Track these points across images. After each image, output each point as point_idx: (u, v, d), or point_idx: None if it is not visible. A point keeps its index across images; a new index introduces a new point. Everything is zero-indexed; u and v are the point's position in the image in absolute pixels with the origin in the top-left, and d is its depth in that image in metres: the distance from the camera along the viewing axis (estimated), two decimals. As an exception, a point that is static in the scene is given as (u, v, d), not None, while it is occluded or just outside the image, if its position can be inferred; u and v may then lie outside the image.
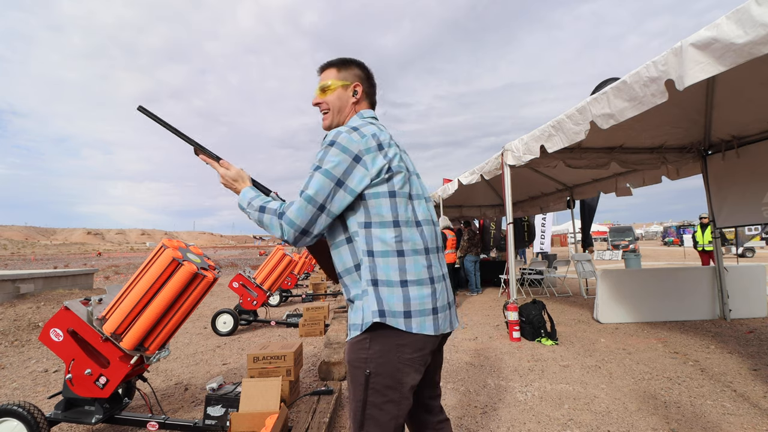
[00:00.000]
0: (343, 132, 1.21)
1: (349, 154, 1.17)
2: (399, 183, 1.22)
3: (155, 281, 2.28)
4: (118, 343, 2.27)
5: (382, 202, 1.19)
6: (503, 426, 2.56)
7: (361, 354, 1.16)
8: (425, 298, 1.18)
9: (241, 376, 3.67)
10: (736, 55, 2.17)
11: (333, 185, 1.16)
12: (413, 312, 1.16)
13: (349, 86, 1.38)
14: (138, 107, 1.45)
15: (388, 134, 1.30)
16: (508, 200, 5.23)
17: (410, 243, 1.20)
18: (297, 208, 1.17)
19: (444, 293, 1.26)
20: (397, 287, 1.16)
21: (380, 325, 1.15)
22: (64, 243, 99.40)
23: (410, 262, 1.19)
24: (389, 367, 1.15)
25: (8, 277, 7.19)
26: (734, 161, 5.17)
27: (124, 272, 18.19)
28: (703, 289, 5.58)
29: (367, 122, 1.31)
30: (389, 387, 1.15)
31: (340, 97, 1.38)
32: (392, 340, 1.15)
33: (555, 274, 9.27)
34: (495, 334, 5.06)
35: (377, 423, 1.15)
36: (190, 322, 6.46)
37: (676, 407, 2.75)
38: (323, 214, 1.17)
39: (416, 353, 1.17)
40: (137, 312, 2.28)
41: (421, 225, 1.25)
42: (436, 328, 1.19)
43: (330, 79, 1.39)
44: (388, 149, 1.23)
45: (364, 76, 1.42)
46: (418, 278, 1.19)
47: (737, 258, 15.17)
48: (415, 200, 1.26)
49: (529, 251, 15.28)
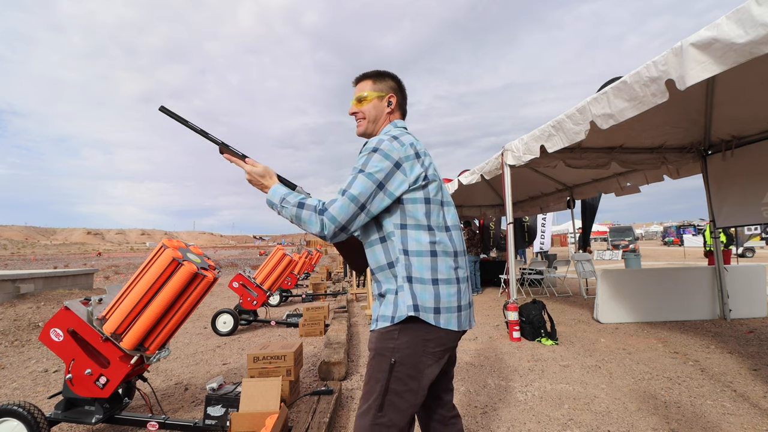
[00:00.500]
0: (385, 140, 1.31)
1: (390, 161, 1.27)
2: (434, 190, 1.33)
3: (155, 281, 2.28)
4: (118, 343, 2.27)
5: (418, 207, 1.30)
6: (503, 426, 2.56)
7: (389, 344, 1.26)
8: (452, 297, 1.30)
9: (241, 376, 3.67)
10: (736, 54, 2.17)
11: (375, 187, 1.26)
12: (442, 309, 1.27)
13: (384, 97, 1.48)
14: (160, 108, 1.48)
15: (422, 144, 1.40)
16: (508, 200, 5.23)
17: (442, 245, 1.31)
18: (340, 206, 1.24)
19: (467, 293, 1.38)
20: (429, 285, 1.27)
21: (411, 319, 1.25)
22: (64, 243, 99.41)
23: (441, 262, 1.30)
24: (414, 358, 1.25)
25: (8, 277, 7.18)
26: (734, 161, 5.17)
27: (124, 272, 18.19)
28: (703, 289, 5.58)
29: (404, 132, 1.39)
30: (411, 377, 1.25)
31: (376, 107, 1.48)
32: (420, 333, 1.26)
33: (555, 274, 9.27)
34: (495, 334, 5.06)
35: (396, 409, 1.24)
36: (190, 322, 6.46)
37: (676, 407, 2.75)
38: (363, 213, 1.26)
39: (439, 347, 1.28)
40: (137, 312, 2.28)
41: (450, 230, 1.36)
42: (459, 324, 1.31)
43: (366, 90, 1.48)
44: (424, 158, 1.34)
45: (398, 88, 1.52)
46: (447, 278, 1.30)
47: (737, 258, 15.16)
48: (445, 207, 1.38)
49: (529, 251, 15.29)
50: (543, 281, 8.98)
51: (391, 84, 1.50)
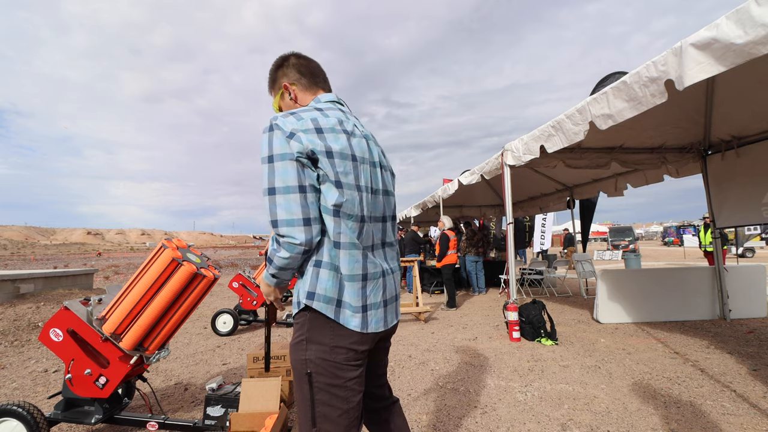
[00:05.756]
0: (279, 116, 1.22)
1: (283, 132, 1.19)
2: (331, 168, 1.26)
3: (155, 281, 2.28)
4: (117, 343, 2.27)
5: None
6: (503, 426, 2.56)
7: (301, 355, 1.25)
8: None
9: (241, 376, 3.67)
10: (735, 55, 2.17)
11: (294, 162, 1.19)
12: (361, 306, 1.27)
13: (282, 93, 1.43)
14: None
15: (344, 122, 1.27)
16: (508, 200, 5.23)
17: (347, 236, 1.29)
18: (283, 206, 1.18)
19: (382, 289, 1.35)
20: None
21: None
22: (64, 243, 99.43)
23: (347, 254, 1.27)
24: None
25: (8, 277, 7.18)
26: (734, 161, 5.17)
27: (124, 272, 18.18)
28: (703, 289, 5.57)
29: (310, 108, 1.27)
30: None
31: (287, 105, 1.43)
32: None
33: (555, 274, 9.27)
34: (495, 334, 5.06)
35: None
36: (190, 322, 6.46)
37: (676, 407, 2.75)
38: (307, 193, 1.21)
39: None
40: (137, 312, 2.28)
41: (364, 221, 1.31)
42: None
43: (272, 97, 1.48)
44: (328, 134, 1.23)
45: (292, 72, 1.42)
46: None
47: (737, 258, 15.16)
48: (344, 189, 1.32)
49: (529, 251, 15.30)
50: (543, 281, 8.97)
51: (282, 72, 1.42)
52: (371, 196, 1.29)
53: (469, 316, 6.36)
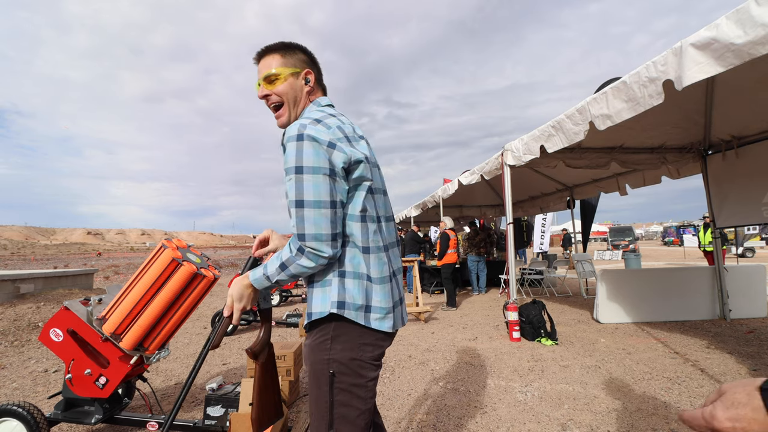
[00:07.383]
0: (307, 124, 1.13)
1: (322, 143, 1.14)
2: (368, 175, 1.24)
3: (155, 281, 2.28)
4: (117, 343, 2.27)
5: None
6: (503, 426, 2.56)
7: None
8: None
9: (241, 376, 3.67)
10: (735, 55, 2.17)
11: (326, 176, 1.16)
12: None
13: (299, 74, 1.26)
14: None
15: (352, 127, 1.25)
16: (508, 200, 5.23)
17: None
18: (313, 220, 1.14)
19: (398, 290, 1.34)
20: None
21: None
22: (64, 243, 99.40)
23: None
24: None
25: (8, 277, 7.18)
26: (734, 161, 5.17)
27: (124, 272, 18.18)
28: (703, 289, 5.58)
29: (327, 115, 1.20)
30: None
31: (293, 86, 1.26)
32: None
33: (555, 274, 9.27)
34: (495, 334, 5.06)
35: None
36: (190, 322, 6.46)
37: (676, 407, 2.75)
38: (337, 209, 1.19)
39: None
40: (137, 312, 2.28)
41: (380, 221, 1.29)
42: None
43: (275, 66, 1.24)
44: (355, 143, 1.21)
45: (311, 61, 1.31)
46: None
47: (737, 258, 15.16)
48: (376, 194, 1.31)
49: (529, 251, 15.29)
50: (543, 281, 8.98)
51: (303, 57, 1.29)
52: (383, 197, 1.30)
53: (469, 316, 6.36)
